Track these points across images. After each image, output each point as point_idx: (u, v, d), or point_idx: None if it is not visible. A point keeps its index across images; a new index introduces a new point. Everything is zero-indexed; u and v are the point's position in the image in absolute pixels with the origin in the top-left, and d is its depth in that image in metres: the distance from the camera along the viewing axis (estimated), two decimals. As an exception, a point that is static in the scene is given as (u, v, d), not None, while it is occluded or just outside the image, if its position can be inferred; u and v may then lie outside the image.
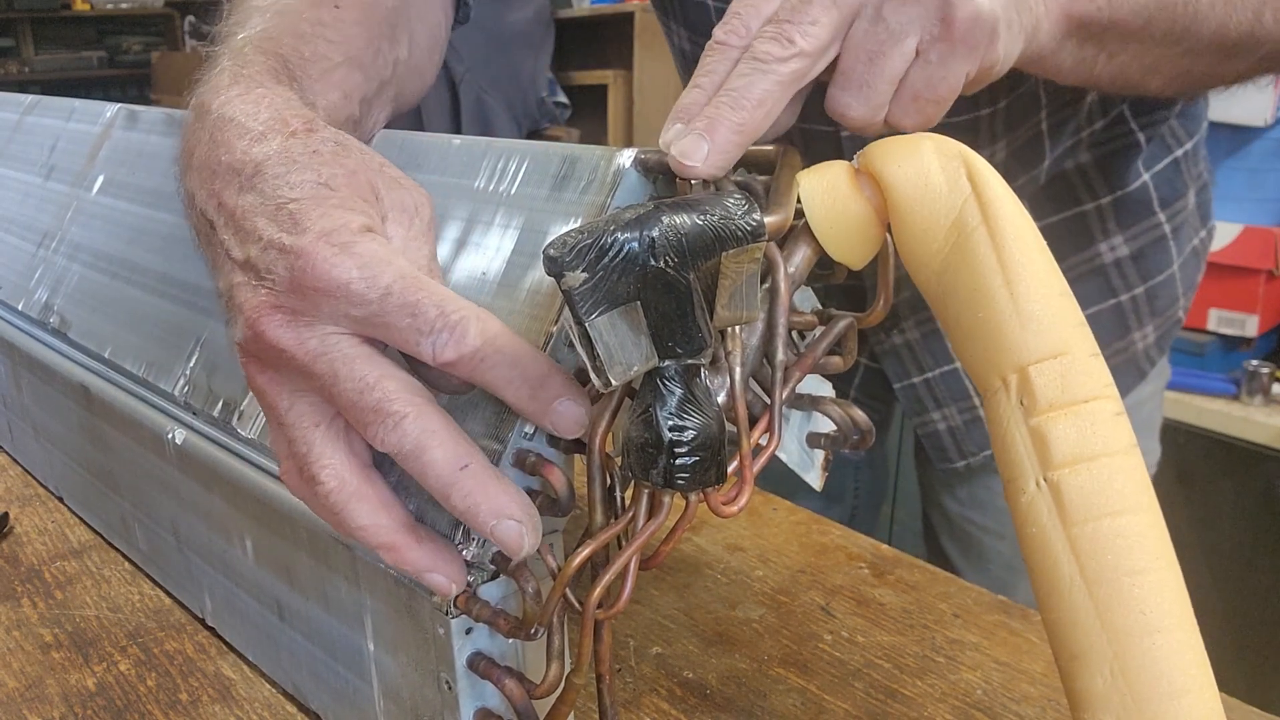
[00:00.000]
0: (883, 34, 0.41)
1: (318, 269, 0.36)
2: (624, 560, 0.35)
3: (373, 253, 0.36)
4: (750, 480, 0.36)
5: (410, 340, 0.36)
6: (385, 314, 0.36)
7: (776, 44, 0.39)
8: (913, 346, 0.80)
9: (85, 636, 0.56)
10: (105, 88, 5.46)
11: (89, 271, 0.65)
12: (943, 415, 0.82)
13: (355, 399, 0.36)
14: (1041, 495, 0.34)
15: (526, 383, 0.36)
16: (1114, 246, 0.77)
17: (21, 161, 0.79)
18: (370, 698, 0.45)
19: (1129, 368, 0.81)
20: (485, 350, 0.36)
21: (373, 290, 0.35)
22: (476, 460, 0.36)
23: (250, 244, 0.38)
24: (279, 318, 0.37)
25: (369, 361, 0.36)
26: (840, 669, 0.53)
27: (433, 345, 0.35)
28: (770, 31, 0.40)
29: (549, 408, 0.36)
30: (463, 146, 0.47)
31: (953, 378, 0.80)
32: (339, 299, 0.36)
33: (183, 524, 0.55)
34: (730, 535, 0.67)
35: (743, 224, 0.32)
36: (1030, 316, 0.35)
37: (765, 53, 0.39)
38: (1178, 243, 0.79)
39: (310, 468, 0.37)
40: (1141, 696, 0.32)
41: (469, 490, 0.35)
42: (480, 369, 0.36)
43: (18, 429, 0.76)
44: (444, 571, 0.37)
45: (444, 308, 0.36)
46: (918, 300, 0.78)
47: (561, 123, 2.68)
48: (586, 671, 0.37)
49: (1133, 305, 0.79)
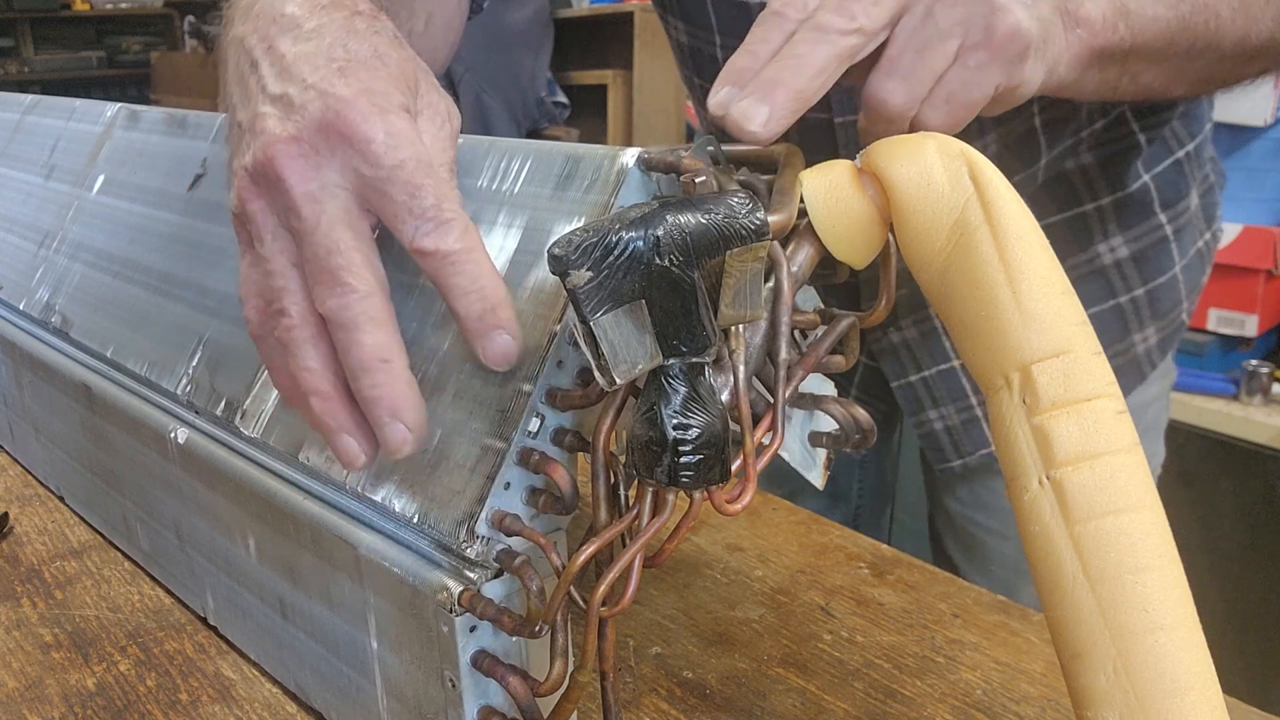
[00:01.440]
0: (931, 30, 0.42)
1: (350, 116, 0.37)
2: (628, 558, 0.35)
3: (402, 127, 0.38)
4: (753, 479, 0.36)
5: (399, 216, 0.37)
6: (390, 182, 0.37)
7: (840, 17, 0.40)
8: (911, 345, 0.80)
9: (85, 636, 0.56)
10: (105, 88, 5.46)
11: (90, 271, 0.65)
12: (940, 415, 0.82)
13: (322, 255, 0.37)
14: (1044, 493, 0.34)
15: (480, 300, 0.37)
16: (1114, 248, 0.77)
17: (22, 161, 0.79)
18: (374, 696, 0.45)
19: (1129, 369, 0.81)
20: (458, 256, 0.37)
21: (389, 157, 0.37)
22: (398, 361, 0.37)
23: (291, 83, 0.39)
24: (295, 149, 0.38)
25: (350, 228, 0.38)
26: (840, 669, 0.53)
27: (415, 229, 0.37)
28: (834, 5, 0.41)
29: (489, 332, 0.37)
30: (465, 146, 0.47)
31: (950, 377, 0.80)
32: (357, 152, 0.37)
33: (185, 523, 0.55)
34: (730, 535, 0.67)
35: (747, 223, 0.32)
36: (1033, 315, 0.35)
37: (828, 23, 0.40)
38: (1180, 245, 0.79)
39: (280, 299, 0.38)
40: (1145, 694, 0.32)
41: (379, 382, 0.37)
42: (445, 269, 0.37)
43: (18, 428, 0.76)
44: (360, 442, 0.39)
45: (441, 201, 0.37)
46: (916, 298, 0.78)
47: (561, 122, 2.68)
48: (590, 670, 0.37)
49: (1133, 307, 0.79)
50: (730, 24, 0.74)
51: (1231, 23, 0.51)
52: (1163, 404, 0.87)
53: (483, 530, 0.38)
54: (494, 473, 0.38)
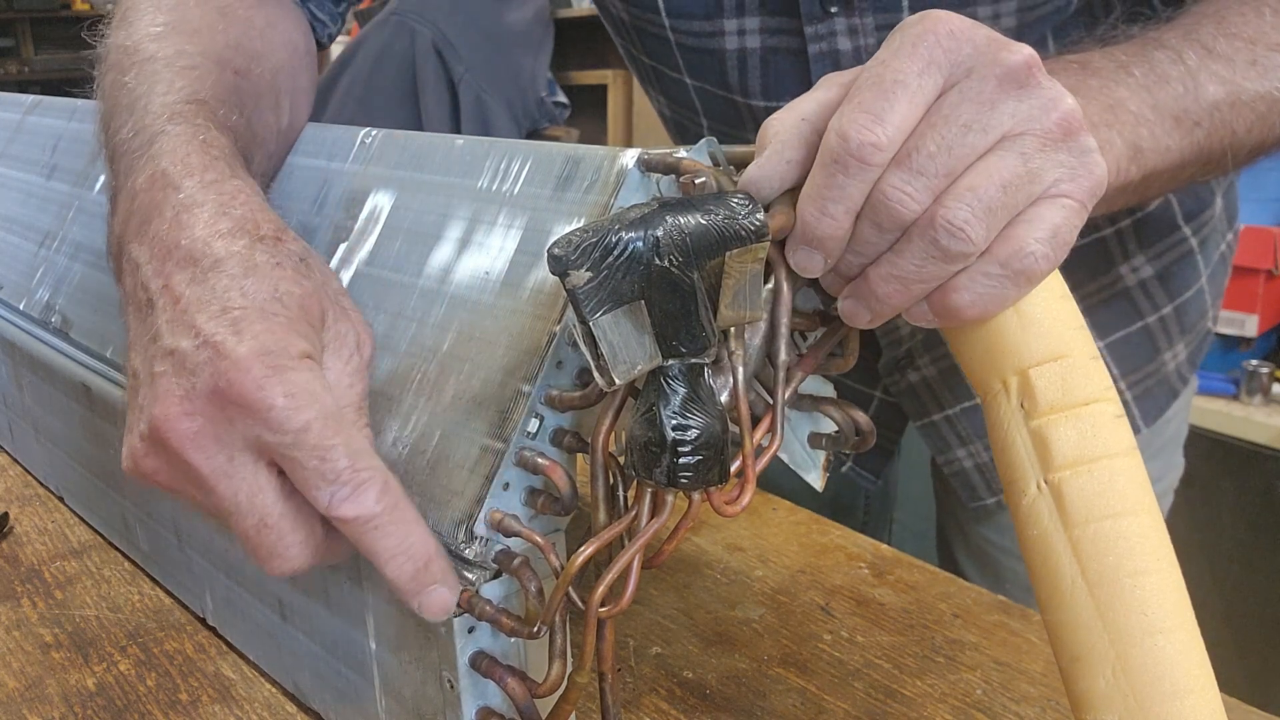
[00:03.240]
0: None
1: (244, 384, 0.35)
2: (627, 559, 0.35)
3: (303, 383, 0.36)
4: (753, 480, 0.36)
5: (312, 483, 0.35)
6: (297, 448, 0.35)
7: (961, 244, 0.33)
8: (931, 384, 0.77)
9: (85, 636, 0.56)
10: (105, 87, 5.45)
11: (91, 271, 0.65)
12: (968, 452, 0.78)
13: (253, 534, 0.36)
14: (1043, 497, 0.34)
15: (410, 561, 0.36)
16: (1136, 268, 0.72)
17: (23, 161, 0.79)
18: (372, 697, 0.45)
19: (1161, 389, 0.77)
20: (381, 519, 0.35)
21: (292, 421, 0.35)
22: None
23: (185, 335, 0.36)
24: (190, 424, 0.36)
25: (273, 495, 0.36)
26: (840, 669, 0.53)
27: (330, 496, 0.35)
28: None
29: (423, 590, 0.36)
30: (465, 147, 0.47)
31: (975, 414, 0.77)
32: (256, 420, 0.35)
33: (184, 523, 0.55)
34: (730, 535, 0.67)
35: (746, 224, 0.32)
36: (1031, 319, 0.35)
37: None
38: (1205, 254, 0.75)
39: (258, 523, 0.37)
40: (1143, 697, 0.32)
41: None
42: (368, 535, 0.36)
43: (18, 429, 0.76)
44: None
45: (356, 462, 0.35)
46: (933, 337, 0.75)
47: (561, 122, 2.68)
48: (589, 670, 0.37)
49: (1161, 326, 0.75)
50: (711, 106, 0.73)
51: (1248, 134, 0.49)
52: (1183, 417, 0.84)
53: (481, 531, 0.38)
54: (493, 473, 0.38)
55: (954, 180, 0.33)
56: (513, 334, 0.40)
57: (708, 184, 0.36)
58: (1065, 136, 0.34)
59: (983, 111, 0.33)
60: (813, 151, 0.35)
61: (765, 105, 0.69)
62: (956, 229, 0.33)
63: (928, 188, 0.33)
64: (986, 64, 0.34)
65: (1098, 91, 0.44)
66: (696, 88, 0.73)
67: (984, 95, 0.33)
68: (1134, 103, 0.45)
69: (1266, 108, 0.49)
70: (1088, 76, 0.45)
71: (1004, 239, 0.34)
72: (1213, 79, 0.47)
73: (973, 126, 0.33)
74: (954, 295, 0.35)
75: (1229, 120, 0.48)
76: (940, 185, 0.33)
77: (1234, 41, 0.48)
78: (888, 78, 0.33)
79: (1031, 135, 0.34)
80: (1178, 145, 0.46)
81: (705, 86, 0.72)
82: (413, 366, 0.43)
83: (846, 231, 0.35)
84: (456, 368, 0.42)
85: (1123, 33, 0.49)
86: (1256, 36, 0.49)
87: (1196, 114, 0.47)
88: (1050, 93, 0.34)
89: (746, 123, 0.72)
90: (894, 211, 0.34)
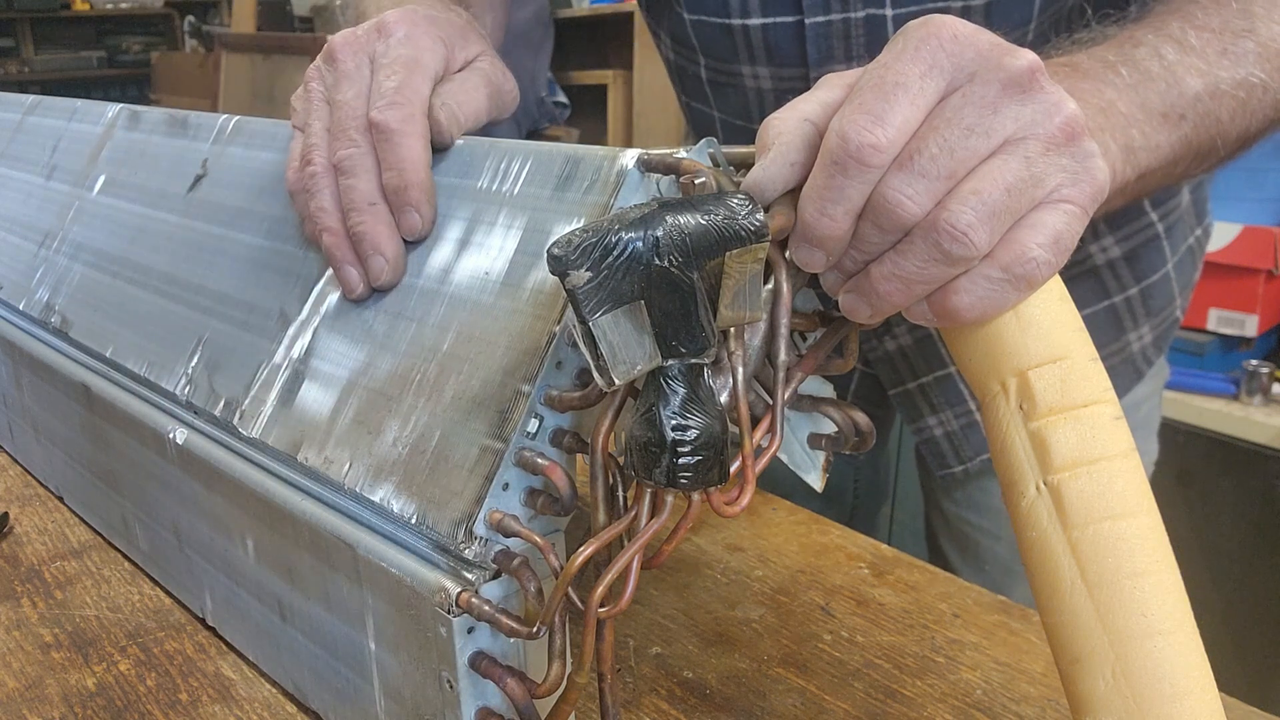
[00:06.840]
0: None
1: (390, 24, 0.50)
2: (626, 559, 0.35)
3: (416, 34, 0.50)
4: (752, 480, 0.36)
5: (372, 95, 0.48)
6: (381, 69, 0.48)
7: (965, 247, 0.33)
8: (906, 352, 0.80)
9: (85, 636, 0.56)
10: (105, 88, 5.46)
11: (90, 271, 0.65)
12: (939, 420, 0.81)
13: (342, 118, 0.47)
14: (1042, 499, 0.34)
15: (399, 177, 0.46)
16: (1105, 248, 0.76)
17: (23, 161, 0.79)
18: (371, 697, 0.45)
19: (1126, 369, 0.81)
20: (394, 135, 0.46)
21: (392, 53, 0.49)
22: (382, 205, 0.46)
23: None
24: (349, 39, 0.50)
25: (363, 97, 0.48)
26: (840, 669, 0.53)
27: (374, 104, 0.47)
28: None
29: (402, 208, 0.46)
30: (465, 147, 0.47)
31: (948, 383, 0.80)
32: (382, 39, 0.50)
33: (184, 523, 0.55)
34: (730, 535, 0.67)
35: (746, 224, 0.32)
36: (1030, 321, 0.35)
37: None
38: (1171, 242, 0.79)
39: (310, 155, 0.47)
40: (1143, 699, 0.32)
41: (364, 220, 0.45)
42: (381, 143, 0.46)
43: (18, 429, 0.76)
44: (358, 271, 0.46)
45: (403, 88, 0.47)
46: None
47: (561, 123, 2.68)
48: (588, 671, 0.37)
49: (1127, 306, 0.78)
50: (711, 45, 0.74)
51: (1232, 123, 0.50)
52: (1155, 402, 0.87)
53: (481, 531, 0.38)
54: (492, 473, 0.38)
55: (956, 184, 0.33)
56: (512, 334, 0.40)
57: (707, 184, 0.36)
58: (1068, 141, 0.34)
59: (985, 115, 0.33)
60: (815, 153, 0.35)
61: (760, 24, 0.69)
62: (960, 232, 0.33)
63: (929, 190, 0.33)
64: (990, 69, 0.34)
65: (1090, 94, 0.44)
66: (694, 21, 0.73)
67: (987, 99, 0.34)
68: (1124, 103, 0.45)
69: (1245, 94, 0.49)
70: (1079, 79, 0.45)
71: (1006, 243, 0.34)
72: (1191, 72, 0.48)
73: (975, 130, 0.33)
74: (954, 297, 0.35)
75: (1212, 110, 0.48)
76: (941, 188, 0.33)
77: (1202, 34, 0.49)
78: (889, 79, 0.33)
79: (1034, 140, 0.34)
80: (1168, 142, 0.47)
81: (702, 19, 0.72)
82: (413, 366, 0.43)
83: (847, 232, 0.35)
84: (456, 368, 0.42)
85: (1099, 33, 0.50)
86: (1222, 27, 0.50)
87: (1181, 108, 0.47)
88: (1053, 98, 0.34)
89: (741, 55, 0.72)
90: (895, 213, 0.34)
